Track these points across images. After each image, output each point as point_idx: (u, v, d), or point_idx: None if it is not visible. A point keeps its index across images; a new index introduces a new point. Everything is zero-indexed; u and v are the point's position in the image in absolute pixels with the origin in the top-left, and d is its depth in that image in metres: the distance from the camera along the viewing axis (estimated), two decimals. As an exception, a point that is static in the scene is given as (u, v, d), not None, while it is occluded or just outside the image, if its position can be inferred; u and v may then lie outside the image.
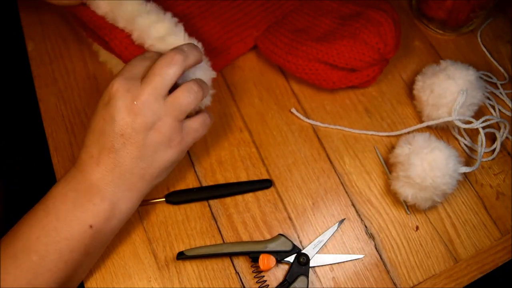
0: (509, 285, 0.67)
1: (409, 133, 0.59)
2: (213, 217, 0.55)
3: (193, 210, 0.56)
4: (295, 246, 0.53)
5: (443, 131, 0.60)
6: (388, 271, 0.53)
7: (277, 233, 0.54)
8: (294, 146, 0.59)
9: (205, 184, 0.57)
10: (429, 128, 0.60)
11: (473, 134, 0.60)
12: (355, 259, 0.54)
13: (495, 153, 0.58)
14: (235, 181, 0.57)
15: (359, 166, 0.58)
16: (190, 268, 0.53)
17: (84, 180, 0.45)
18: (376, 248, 0.54)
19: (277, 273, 0.53)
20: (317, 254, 0.53)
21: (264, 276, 0.52)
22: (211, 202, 0.56)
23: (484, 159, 0.58)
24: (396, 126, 0.61)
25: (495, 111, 0.61)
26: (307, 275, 0.51)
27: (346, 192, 0.57)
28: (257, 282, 0.52)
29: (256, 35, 0.63)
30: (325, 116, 0.61)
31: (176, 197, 0.56)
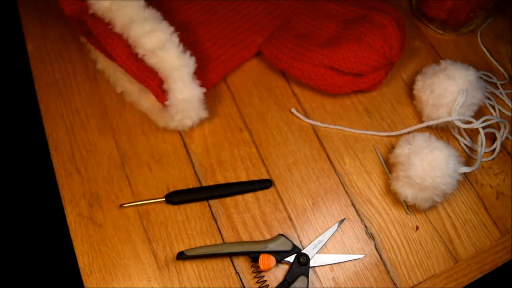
0: (509, 285, 0.67)
1: (409, 133, 0.59)
2: (213, 217, 0.55)
3: (193, 210, 0.56)
4: (295, 246, 0.53)
5: (443, 131, 0.60)
6: (388, 271, 0.53)
7: (277, 233, 0.54)
8: (294, 146, 0.59)
9: (205, 184, 0.57)
10: (429, 128, 0.60)
11: (473, 134, 0.60)
12: (355, 259, 0.54)
13: (495, 153, 0.58)
14: (235, 181, 0.57)
15: (359, 166, 0.58)
16: (190, 268, 0.53)
17: None
18: (376, 248, 0.54)
19: (277, 273, 0.53)
20: (317, 254, 0.53)
21: (264, 276, 0.52)
22: (211, 202, 0.56)
23: (484, 159, 0.58)
24: (396, 126, 0.61)
25: (495, 111, 0.61)
26: (307, 275, 0.51)
27: (346, 192, 0.57)
28: (257, 282, 0.52)
29: (260, 41, 0.62)
30: (325, 116, 0.61)
31: (176, 197, 0.56)
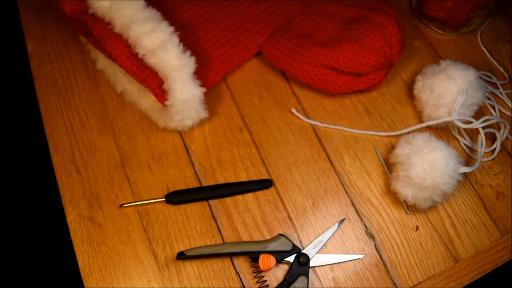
0: (509, 285, 0.67)
1: (409, 133, 0.59)
2: (213, 217, 0.55)
3: (193, 210, 0.56)
4: (295, 246, 0.53)
5: (443, 131, 0.60)
6: (388, 271, 0.53)
7: (277, 233, 0.54)
8: (294, 146, 0.59)
9: (205, 184, 0.57)
10: (429, 128, 0.60)
11: (473, 134, 0.60)
12: (355, 259, 0.54)
13: (495, 153, 0.58)
14: (235, 181, 0.57)
15: (359, 166, 0.58)
16: (190, 268, 0.53)
17: None
18: (376, 248, 0.54)
19: (277, 273, 0.53)
20: (317, 254, 0.53)
21: (264, 276, 0.52)
22: (211, 202, 0.56)
23: (484, 159, 0.58)
24: (396, 126, 0.61)
25: (495, 111, 0.61)
26: (307, 275, 0.51)
27: (346, 192, 0.57)
28: (257, 282, 0.52)
29: (260, 41, 0.62)
30: (325, 116, 0.61)
31: (176, 197, 0.56)
